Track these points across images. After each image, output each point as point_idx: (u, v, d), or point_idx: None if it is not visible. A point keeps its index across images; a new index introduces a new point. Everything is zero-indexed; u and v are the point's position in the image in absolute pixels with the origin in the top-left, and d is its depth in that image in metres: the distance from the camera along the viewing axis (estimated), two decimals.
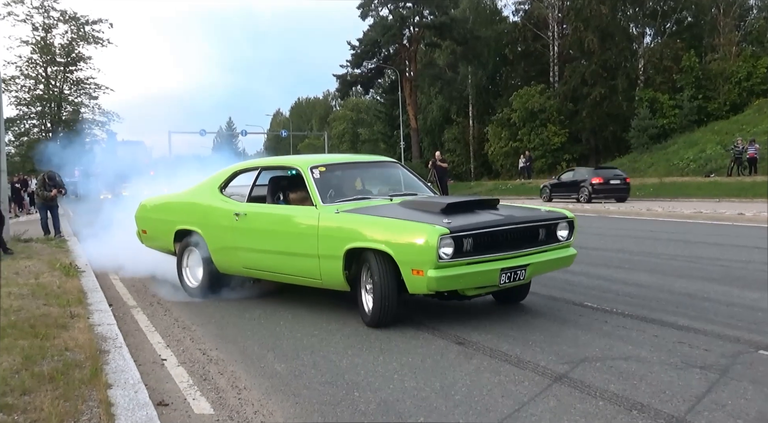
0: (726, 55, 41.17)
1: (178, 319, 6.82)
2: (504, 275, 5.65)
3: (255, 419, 4.05)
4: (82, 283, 8.48)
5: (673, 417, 3.79)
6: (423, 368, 4.85)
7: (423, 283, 5.47)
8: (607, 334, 5.54)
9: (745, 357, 4.84)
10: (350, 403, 4.22)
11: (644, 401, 4.03)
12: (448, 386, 4.46)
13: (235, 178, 7.73)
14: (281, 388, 4.59)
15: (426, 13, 48.76)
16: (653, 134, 38.40)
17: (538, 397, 4.17)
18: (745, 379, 4.35)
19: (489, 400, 4.17)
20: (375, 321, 5.88)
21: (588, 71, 42.83)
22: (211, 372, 5.03)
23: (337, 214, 6.21)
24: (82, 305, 7.04)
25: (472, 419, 3.88)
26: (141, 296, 8.04)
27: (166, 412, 4.16)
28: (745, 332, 5.45)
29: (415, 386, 4.48)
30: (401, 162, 8.70)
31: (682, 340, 5.28)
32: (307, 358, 5.26)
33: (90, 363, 4.85)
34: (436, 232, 5.35)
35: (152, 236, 8.57)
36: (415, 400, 4.23)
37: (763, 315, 6.03)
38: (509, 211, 6.18)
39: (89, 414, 3.94)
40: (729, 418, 3.76)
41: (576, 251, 6.47)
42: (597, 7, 42.09)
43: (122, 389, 4.38)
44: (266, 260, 6.91)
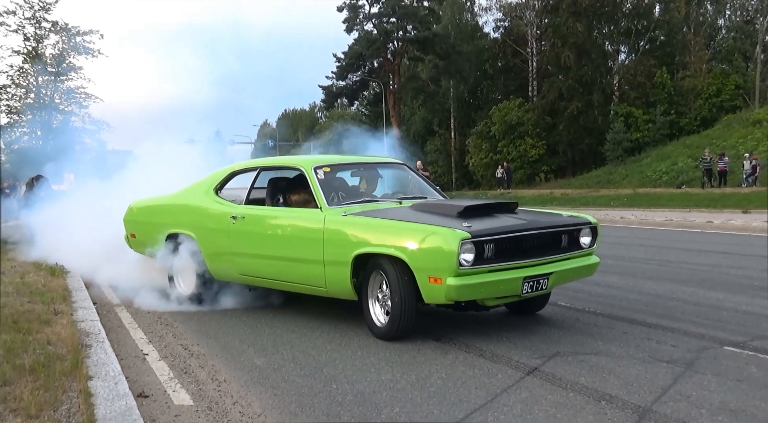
0: (696, 73, 41.76)
1: (161, 316, 6.75)
2: (526, 284, 5.10)
3: (233, 410, 4.03)
4: (67, 282, 8.39)
5: (639, 407, 3.81)
6: (400, 362, 4.85)
7: (441, 292, 4.88)
8: (578, 331, 5.57)
9: (710, 352, 4.88)
10: (327, 395, 4.21)
11: (612, 392, 4.05)
12: (424, 379, 4.46)
13: (232, 179, 7.07)
14: (260, 380, 4.58)
15: (409, 28, 48.93)
16: (627, 147, 38.77)
17: (510, 389, 4.18)
18: (708, 372, 4.39)
19: (463, 391, 4.18)
20: (390, 334, 5.29)
21: (565, 86, 43.15)
22: (191, 366, 5.01)
23: (345, 216, 5.62)
24: (66, 303, 6.96)
25: (445, 410, 3.88)
26: (125, 295, 7.93)
27: (145, 403, 4.14)
28: (710, 329, 5.50)
29: (392, 378, 4.49)
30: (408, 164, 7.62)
31: (650, 337, 5.31)
32: (286, 352, 5.25)
33: (71, 356, 4.80)
34: (456, 236, 4.79)
35: (141, 241, 7.77)
36: (391, 391, 4.23)
37: (728, 314, 6.08)
38: (531, 216, 5.67)
39: (68, 403, 3.90)
40: (693, 407, 3.79)
41: (599, 259, 5.91)
42: (573, 24, 42.48)
43: (102, 381, 4.34)
44: (265, 266, 6.30)
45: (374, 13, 49.06)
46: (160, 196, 7.78)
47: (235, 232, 6.47)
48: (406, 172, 7.35)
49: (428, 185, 7.12)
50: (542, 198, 31.57)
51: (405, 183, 7.23)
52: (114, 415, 3.72)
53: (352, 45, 49.83)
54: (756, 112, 35.83)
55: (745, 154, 29.82)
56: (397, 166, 7.45)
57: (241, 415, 3.93)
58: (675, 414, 3.69)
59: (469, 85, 51.30)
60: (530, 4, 47.89)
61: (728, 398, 3.92)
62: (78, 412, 3.76)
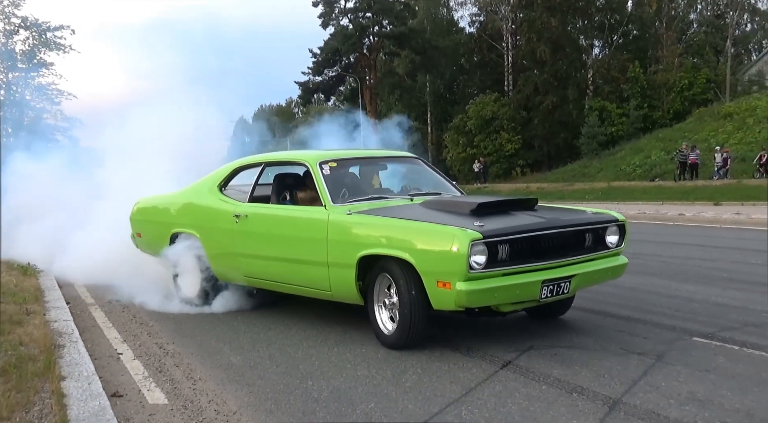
0: (669, 67, 42.23)
1: (136, 315, 6.69)
2: (546, 288, 4.68)
3: (209, 408, 4.02)
4: (39, 282, 8.28)
5: (610, 398, 3.87)
6: (376, 358, 4.86)
7: (450, 298, 4.48)
8: (553, 325, 5.61)
9: (680, 343, 4.96)
10: (303, 392, 4.21)
11: (584, 385, 4.10)
12: (399, 374, 4.47)
13: (237, 176, 6.71)
14: (236, 378, 4.55)
15: (385, 23, 48.84)
16: (602, 141, 39.10)
17: (484, 382, 4.22)
18: (679, 363, 4.46)
19: (438, 386, 4.20)
20: (399, 342, 4.90)
21: (540, 81, 43.40)
22: (167, 364, 4.97)
23: (349, 215, 5.24)
24: (38, 303, 6.87)
25: (420, 404, 3.90)
26: (99, 294, 7.85)
27: (119, 403, 4.11)
28: (681, 321, 5.58)
29: (367, 374, 4.50)
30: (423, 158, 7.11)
31: (623, 329, 5.38)
32: (263, 350, 5.24)
33: (44, 356, 4.75)
34: (466, 236, 4.37)
35: (147, 240, 7.50)
36: (367, 387, 4.25)
37: (699, 306, 6.18)
38: (551, 213, 5.19)
39: (41, 405, 3.87)
40: (662, 398, 3.85)
41: (627, 260, 5.44)
42: (548, 19, 42.70)
43: (76, 381, 4.30)
44: (269, 268, 5.94)
45: (350, 8, 48.90)
46: (165, 194, 7.48)
47: (239, 232, 6.12)
48: (420, 167, 6.86)
49: (444, 180, 6.67)
50: (518, 192, 31.68)
51: (419, 178, 6.67)
52: (87, 416, 3.70)
53: (327, 40, 49.62)
54: (727, 106, 36.31)
55: (716, 147, 30.26)
56: (410, 160, 6.93)
57: (216, 413, 3.91)
58: (644, 404, 3.75)
59: (445, 80, 51.40)
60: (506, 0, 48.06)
61: (696, 388, 3.98)
62: (50, 413, 3.73)
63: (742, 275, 7.85)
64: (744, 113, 34.33)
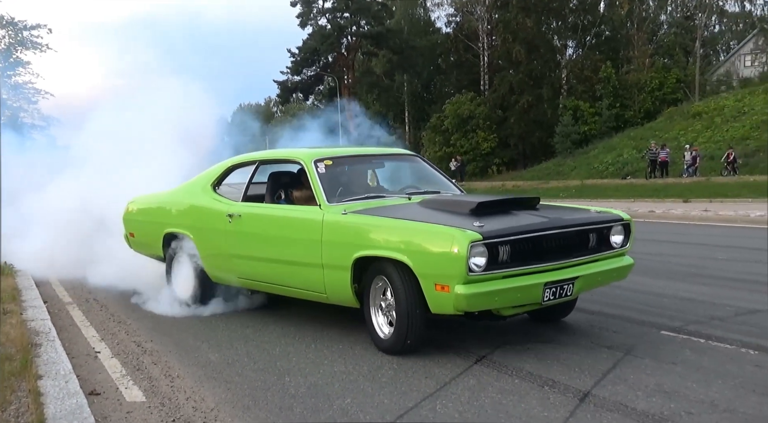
0: (640, 67, 42.71)
1: (114, 314, 6.64)
2: (548, 291, 4.43)
3: (186, 405, 4.00)
4: (17, 282, 8.16)
5: (580, 391, 3.91)
6: (352, 354, 4.86)
7: (449, 302, 4.24)
8: (525, 321, 5.61)
9: (649, 337, 5.03)
10: (281, 388, 4.21)
11: (556, 378, 4.14)
12: (375, 369, 4.49)
13: (231, 174, 6.44)
14: (214, 375, 4.53)
15: (363, 23, 48.81)
16: (576, 140, 39.45)
17: (458, 377, 4.24)
18: (647, 357, 4.52)
19: (413, 381, 4.21)
20: (395, 347, 4.65)
21: (515, 80, 43.69)
22: (144, 362, 4.94)
23: (345, 215, 4.96)
24: (15, 302, 6.78)
25: (395, 399, 3.92)
26: (77, 293, 7.77)
27: (97, 401, 4.08)
28: (650, 316, 5.66)
29: (344, 370, 4.51)
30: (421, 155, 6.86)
31: (594, 324, 5.45)
32: (240, 347, 5.21)
33: (21, 356, 4.70)
34: (465, 237, 4.13)
35: (140, 240, 7.21)
36: (344, 383, 4.26)
37: (668, 300, 6.27)
38: (553, 212, 4.92)
39: (17, 403, 3.83)
40: (630, 390, 3.90)
41: (633, 261, 5.17)
42: (523, 20, 42.96)
43: (53, 380, 4.26)
44: (263, 270, 5.68)
45: (327, 8, 48.81)
46: (159, 193, 7.17)
47: (232, 232, 5.84)
48: (418, 164, 6.54)
49: (443, 178, 6.34)
50: (495, 190, 31.84)
51: (417, 176, 6.34)
52: (64, 414, 3.67)
53: (306, 40, 49.48)
54: (696, 105, 36.81)
55: (685, 146, 30.67)
56: (409, 158, 6.63)
57: (194, 410, 3.90)
58: (613, 396, 3.80)
59: (422, 80, 51.50)
60: (481, 0, 48.21)
61: (663, 380, 4.04)
62: (27, 412, 3.70)
63: (709, 271, 7.99)
64: (712, 112, 34.83)
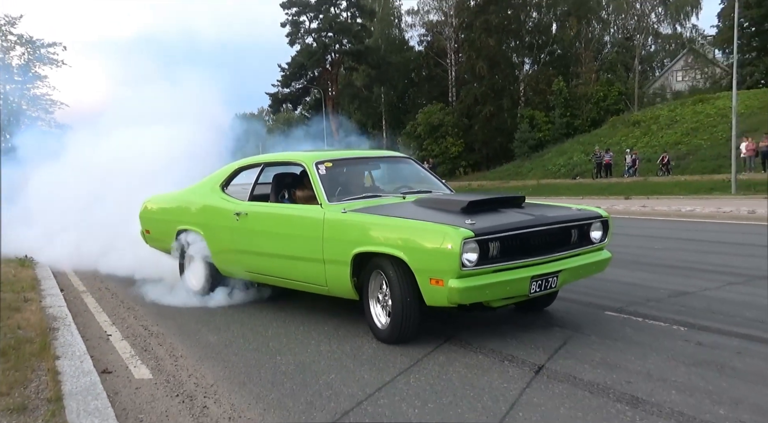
0: (587, 81, 43.18)
1: (124, 300, 6.55)
2: (535, 283, 4.26)
3: (189, 381, 3.97)
4: (36, 272, 8.06)
5: (535, 364, 3.95)
6: (337, 335, 4.84)
7: (443, 295, 4.06)
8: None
9: (595, 317, 5.08)
10: (273, 366, 4.19)
11: (514, 354, 4.18)
12: (357, 348, 4.48)
13: (238, 175, 6.22)
14: (213, 355, 4.50)
15: (345, 41, 48.66)
16: (532, 145, 39.74)
17: (430, 354, 4.25)
18: (593, 334, 4.57)
19: (390, 358, 4.22)
20: (392, 337, 4.44)
21: (479, 93, 43.85)
22: (151, 344, 4.89)
23: (344, 213, 4.76)
24: (35, 291, 6.69)
25: (374, 374, 3.92)
26: (90, 282, 7.68)
27: (109, 378, 4.03)
28: (596, 298, 5.70)
29: (329, 349, 4.50)
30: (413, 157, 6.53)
31: (548, 306, 5.46)
32: (236, 329, 5.17)
33: (40, 339, 4.64)
34: (458, 234, 3.94)
35: (155, 237, 6.96)
36: (329, 360, 4.24)
37: (611, 285, 6.28)
38: (538, 210, 4.70)
39: (37, 381, 3.79)
40: (578, 363, 3.95)
41: (611, 254, 5.00)
42: (486, 40, 43.13)
43: (69, 360, 4.22)
44: (269, 264, 5.46)
45: (313, 28, 48.62)
46: (172, 193, 6.96)
47: (239, 229, 5.64)
48: (411, 166, 6.25)
49: (434, 178, 6.13)
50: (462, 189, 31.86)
51: (410, 176, 6.07)
52: (79, 390, 3.64)
53: (294, 56, 49.24)
54: (635, 115, 37.27)
55: (626, 150, 31.03)
56: (402, 160, 6.33)
57: (196, 386, 3.87)
58: (563, 369, 3.84)
59: (397, 92, 51.60)
60: (449, 22, 48.31)
61: (606, 354, 4.09)
62: (46, 389, 3.65)
63: (647, 259, 8.08)
64: (649, 121, 35.27)
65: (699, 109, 33.90)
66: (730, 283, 6.15)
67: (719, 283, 6.20)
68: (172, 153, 8.61)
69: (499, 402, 3.39)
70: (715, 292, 5.82)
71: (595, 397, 3.39)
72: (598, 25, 48.46)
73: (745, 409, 3.20)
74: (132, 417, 3.42)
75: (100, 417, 3.26)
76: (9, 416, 3.29)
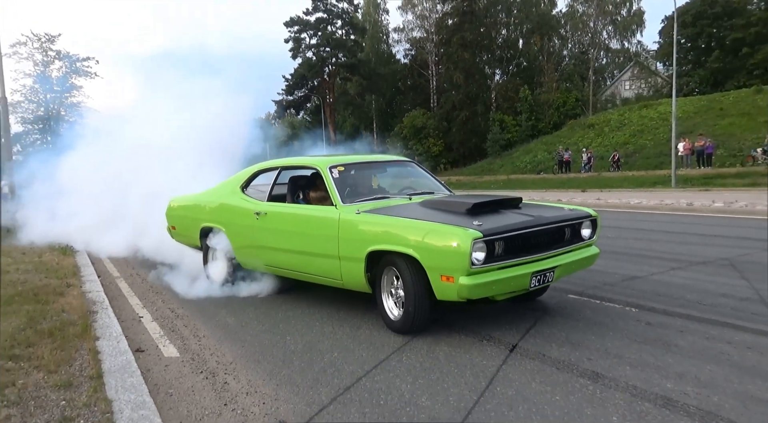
0: (549, 89, 43.11)
1: (152, 286, 6.49)
2: (534, 279, 4.04)
3: (211, 359, 3.95)
4: (76, 260, 7.98)
5: (510, 343, 3.95)
6: (338, 317, 4.81)
7: (453, 291, 3.84)
8: None
9: (560, 300, 5.06)
10: (283, 345, 4.16)
11: (492, 334, 4.17)
12: (356, 329, 4.45)
13: (257, 178, 6.00)
14: (231, 336, 4.46)
15: (340, 55, 48.27)
16: (503, 145, 39.76)
17: (419, 335, 4.21)
18: (558, 315, 4.57)
19: (385, 338, 4.19)
20: (404, 328, 4.20)
21: (457, 99, 43.70)
22: (177, 325, 4.85)
23: (358, 214, 4.52)
24: (76, 277, 6.63)
25: (372, 352, 3.90)
26: (123, 269, 7.62)
27: (142, 357, 4.01)
28: (560, 283, 5.59)
29: (332, 330, 4.47)
30: (415, 161, 6.26)
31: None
32: (251, 313, 5.13)
33: (81, 321, 4.60)
34: (468, 235, 3.73)
35: (180, 232, 6.78)
36: (331, 341, 4.21)
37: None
38: (536, 211, 4.49)
39: (80, 360, 3.75)
40: (546, 342, 3.95)
41: (599, 250, 4.80)
42: (462, 53, 42.95)
43: (107, 340, 4.18)
44: (287, 259, 5.20)
45: (313, 44, 48.15)
46: (195, 194, 6.73)
47: (259, 228, 5.43)
48: (414, 169, 5.97)
49: (435, 180, 5.83)
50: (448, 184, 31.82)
51: (413, 179, 5.80)
52: (117, 368, 3.61)
53: (296, 68, 48.83)
54: (590, 119, 37.34)
55: (583, 149, 31.10)
56: (405, 163, 6.04)
57: (217, 364, 3.85)
58: (534, 347, 3.84)
59: (386, 99, 51.32)
60: (430, 38, 48.06)
61: (570, 334, 4.09)
62: (88, 367, 3.63)
63: (602, 247, 7.81)
64: (602, 124, 35.36)
65: (644, 114, 34.01)
66: (673, 269, 6.17)
67: (663, 268, 6.22)
68: (203, 149, 8.51)
69: (479, 378, 3.38)
70: (660, 276, 5.83)
71: (561, 373, 3.39)
72: (558, 41, 48.39)
73: (688, 382, 3.21)
74: (162, 392, 3.40)
75: (136, 393, 3.24)
76: (57, 392, 3.26)
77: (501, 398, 3.10)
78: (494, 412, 2.95)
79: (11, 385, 3.35)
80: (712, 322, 4.24)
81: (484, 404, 3.04)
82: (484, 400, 3.08)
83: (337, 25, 48.29)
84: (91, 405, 3.06)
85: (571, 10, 46.77)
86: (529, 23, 46.40)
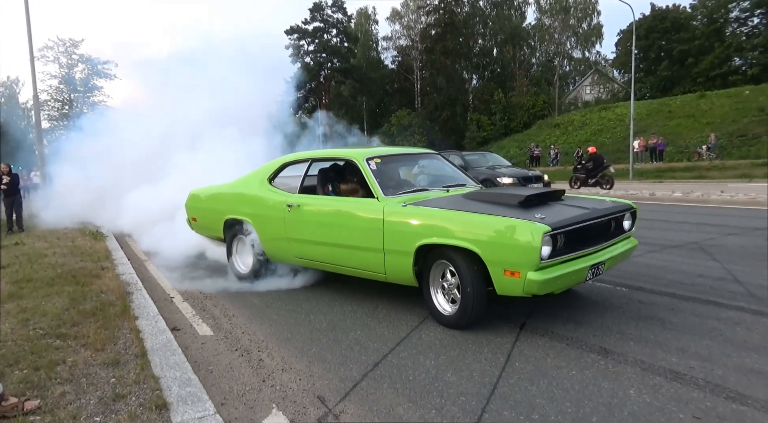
0: (520, 93, 42.97)
1: (177, 267, 6.18)
2: (590, 272, 3.54)
3: (243, 337, 3.77)
4: (107, 245, 7.70)
5: (519, 321, 3.80)
6: (355, 298, 4.62)
7: (518, 286, 3.30)
8: None
9: None
10: (308, 324, 3.97)
11: (503, 313, 3.99)
12: (374, 308, 4.27)
13: (284, 170, 5.27)
14: (258, 315, 4.25)
15: (335, 61, 47.73)
16: (479, 141, 39.63)
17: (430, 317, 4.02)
18: (561, 297, 4.37)
19: (402, 317, 4.03)
20: (461, 322, 3.63)
21: (439, 101, 43.41)
22: (207, 305, 4.63)
23: (405, 207, 3.92)
24: (108, 260, 6.37)
25: (390, 330, 3.73)
26: (148, 252, 7.34)
27: (179, 335, 3.81)
28: None
29: (352, 309, 4.28)
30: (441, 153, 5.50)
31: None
32: (273, 293, 4.91)
33: (120, 302, 4.38)
34: (539, 230, 3.22)
35: (201, 224, 5.95)
36: (353, 319, 4.03)
37: None
38: (587, 203, 3.97)
39: (124, 339, 3.55)
40: (551, 320, 3.80)
41: (637, 241, 4.28)
42: (443, 60, 42.64)
43: (146, 320, 3.97)
44: (322, 252, 4.52)
45: (311, 50, 47.52)
46: (218, 185, 5.93)
47: (291, 220, 4.75)
48: (440, 161, 5.26)
49: (461, 173, 5.12)
50: None
51: (442, 172, 5.13)
52: (159, 346, 3.41)
53: (296, 72, 48.20)
54: (556, 119, 37.34)
55: (551, 146, 31.09)
56: (433, 156, 5.31)
57: (250, 342, 3.67)
58: (541, 325, 3.71)
59: (375, 100, 50.76)
60: (415, 46, 47.58)
61: (572, 313, 3.96)
62: (132, 345, 3.43)
63: None
64: (566, 124, 35.36)
65: (603, 115, 34.08)
66: (649, 252, 6.06)
67: (641, 251, 6.09)
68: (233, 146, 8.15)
69: (497, 354, 3.24)
70: (640, 258, 5.71)
71: (572, 349, 3.26)
72: (528, 50, 48.26)
73: (691, 356, 3.10)
74: (203, 369, 3.21)
75: (180, 370, 3.04)
76: (106, 369, 3.06)
77: (521, 373, 2.96)
78: (517, 387, 2.81)
79: (62, 362, 3.15)
80: (698, 300, 4.13)
81: (506, 379, 2.90)
82: (507, 375, 2.94)
83: (332, 33, 47.65)
84: (141, 382, 2.87)
85: (539, 23, 46.68)
86: (502, 34, 46.13)
